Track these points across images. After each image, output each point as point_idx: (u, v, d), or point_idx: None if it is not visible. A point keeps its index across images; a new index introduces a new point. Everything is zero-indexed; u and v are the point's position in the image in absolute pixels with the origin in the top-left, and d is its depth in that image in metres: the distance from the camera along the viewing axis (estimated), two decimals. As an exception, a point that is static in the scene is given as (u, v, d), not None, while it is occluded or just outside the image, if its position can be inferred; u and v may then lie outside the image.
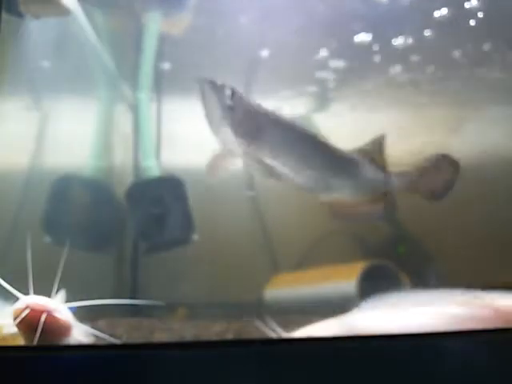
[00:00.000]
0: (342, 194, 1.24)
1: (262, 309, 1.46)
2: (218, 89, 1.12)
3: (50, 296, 0.83)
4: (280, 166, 1.16)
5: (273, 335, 0.98)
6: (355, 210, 1.26)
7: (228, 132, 1.14)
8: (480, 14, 1.56)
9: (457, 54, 1.64)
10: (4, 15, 1.14)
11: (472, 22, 1.58)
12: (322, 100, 1.69)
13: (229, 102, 1.12)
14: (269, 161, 1.15)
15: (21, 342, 0.82)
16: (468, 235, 1.48)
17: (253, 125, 1.15)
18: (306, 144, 1.21)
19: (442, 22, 1.57)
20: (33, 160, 1.58)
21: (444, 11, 1.55)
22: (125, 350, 0.81)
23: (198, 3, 1.58)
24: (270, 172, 1.16)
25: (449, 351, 0.78)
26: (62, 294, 0.88)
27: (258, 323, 0.99)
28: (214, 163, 1.20)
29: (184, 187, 1.52)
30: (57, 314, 0.80)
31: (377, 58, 1.64)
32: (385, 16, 1.57)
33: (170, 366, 0.75)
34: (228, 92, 1.12)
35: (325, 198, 1.23)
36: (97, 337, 0.87)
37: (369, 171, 1.24)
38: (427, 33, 1.59)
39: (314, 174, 1.19)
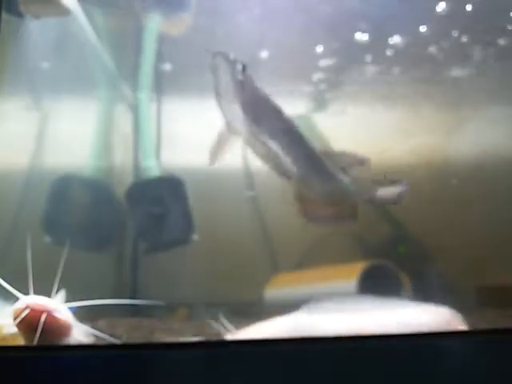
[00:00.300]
0: (316, 194, 1.25)
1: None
2: (230, 62, 1.13)
3: (50, 296, 0.83)
4: (277, 150, 1.17)
5: (227, 334, 1.00)
6: (323, 212, 1.27)
7: (236, 107, 1.14)
8: (479, 10, 1.56)
9: (457, 53, 1.64)
10: (4, 15, 1.14)
11: (472, 20, 1.58)
12: (322, 100, 1.69)
13: (240, 76, 1.13)
14: (268, 143, 1.16)
15: (21, 341, 0.82)
16: (468, 235, 1.48)
17: (258, 104, 1.16)
18: (294, 137, 1.22)
19: (441, 18, 1.57)
20: (33, 160, 1.58)
21: (443, 5, 1.55)
22: (125, 350, 0.81)
23: (198, 3, 1.58)
24: (269, 155, 1.18)
25: (449, 351, 0.78)
26: (61, 294, 0.88)
27: (212, 322, 1.01)
28: (218, 145, 1.20)
29: (184, 187, 1.52)
30: (57, 314, 0.80)
31: (376, 58, 1.64)
32: (384, 15, 1.57)
33: (170, 365, 0.75)
34: (240, 67, 1.13)
35: (300, 196, 1.24)
36: (97, 337, 0.87)
37: (342, 181, 1.26)
38: (427, 31, 1.59)
39: (295, 168, 1.20)
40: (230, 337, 1.02)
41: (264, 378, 0.76)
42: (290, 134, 1.20)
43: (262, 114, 1.17)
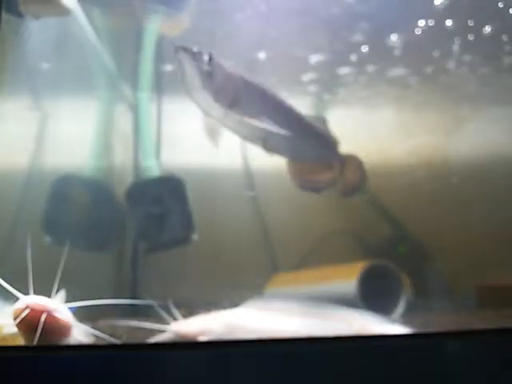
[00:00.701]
0: (304, 159, 1.27)
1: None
2: (195, 56, 1.13)
3: (50, 296, 0.83)
4: (259, 125, 1.17)
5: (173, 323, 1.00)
6: (312, 176, 1.28)
7: (208, 97, 1.15)
8: (480, 9, 1.56)
9: (457, 52, 1.64)
10: (4, 15, 1.14)
11: (471, 19, 1.58)
12: (321, 100, 1.69)
13: (207, 67, 1.13)
14: (249, 120, 1.16)
15: (21, 342, 0.82)
16: (468, 235, 1.48)
17: (231, 87, 1.17)
18: (276, 107, 1.23)
19: (440, 17, 1.57)
20: (33, 160, 1.58)
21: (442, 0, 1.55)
22: (125, 350, 0.81)
23: (198, 3, 1.58)
24: (251, 133, 1.18)
25: (449, 351, 0.78)
26: (61, 294, 0.88)
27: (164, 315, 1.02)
28: (210, 128, 1.20)
29: (184, 187, 1.52)
30: (57, 314, 0.80)
31: (376, 58, 1.64)
32: (384, 14, 1.57)
33: (170, 365, 0.75)
34: (206, 58, 1.13)
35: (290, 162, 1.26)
36: (97, 337, 0.87)
37: (326, 147, 1.28)
38: (427, 30, 1.59)
39: (281, 136, 1.21)
40: (179, 327, 1.03)
41: (264, 378, 0.76)
42: (275, 106, 1.21)
43: (240, 96, 1.17)
